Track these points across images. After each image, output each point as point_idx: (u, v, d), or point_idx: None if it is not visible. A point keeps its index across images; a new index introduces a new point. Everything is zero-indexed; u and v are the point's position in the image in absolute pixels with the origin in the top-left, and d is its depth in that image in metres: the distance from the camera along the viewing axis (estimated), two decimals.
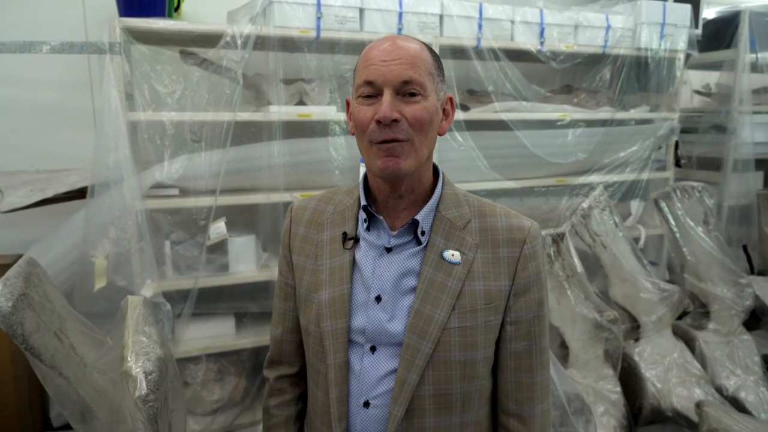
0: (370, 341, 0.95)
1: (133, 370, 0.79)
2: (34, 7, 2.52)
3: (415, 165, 0.94)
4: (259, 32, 2.18)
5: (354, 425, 0.95)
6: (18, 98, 2.55)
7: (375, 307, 0.96)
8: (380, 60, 0.91)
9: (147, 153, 2.14)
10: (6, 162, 2.50)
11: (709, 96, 3.74)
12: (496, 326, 0.94)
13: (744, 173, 3.52)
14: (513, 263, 0.94)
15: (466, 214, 0.97)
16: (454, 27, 2.55)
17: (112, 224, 2.08)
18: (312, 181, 2.43)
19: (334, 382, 0.96)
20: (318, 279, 1.00)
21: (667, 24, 3.00)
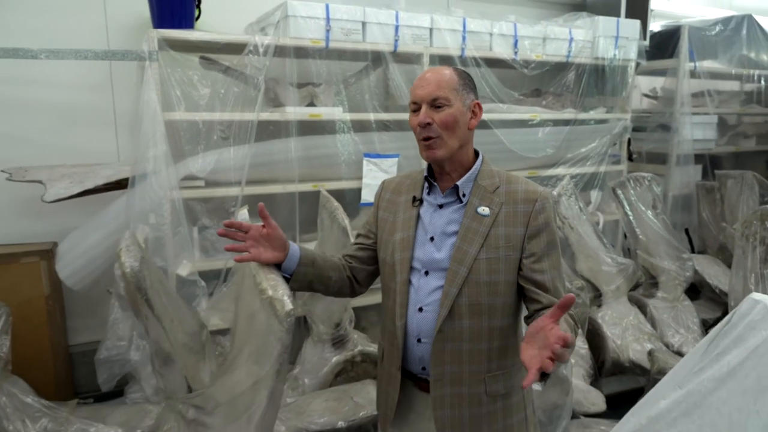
0: (425, 267, 1.34)
1: (277, 295, 1.10)
2: (58, 15, 2.73)
3: (447, 153, 1.33)
4: (277, 42, 2.49)
5: (411, 324, 1.34)
6: (45, 99, 2.76)
7: (429, 244, 1.35)
8: (419, 87, 1.33)
9: (181, 148, 2.42)
10: (36, 157, 2.71)
11: (656, 99, 4.25)
12: (515, 259, 1.31)
13: (685, 166, 4.05)
14: (527, 215, 1.32)
15: (496, 183, 1.35)
16: (442, 38, 2.92)
17: (152, 212, 2.35)
18: (322, 173, 2.75)
19: (398, 294, 1.34)
20: (394, 226, 1.40)
21: (620, 37, 3.46)
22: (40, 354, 2.58)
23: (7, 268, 2.47)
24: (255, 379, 1.24)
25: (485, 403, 1.35)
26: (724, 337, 1.29)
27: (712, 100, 4.19)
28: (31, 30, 2.67)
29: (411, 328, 1.35)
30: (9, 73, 2.65)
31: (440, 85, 1.30)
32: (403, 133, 2.92)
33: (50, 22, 2.71)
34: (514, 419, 1.39)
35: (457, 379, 1.33)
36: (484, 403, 1.35)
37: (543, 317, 1.07)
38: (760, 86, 4.46)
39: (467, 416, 1.34)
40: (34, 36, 2.65)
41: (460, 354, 1.32)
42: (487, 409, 1.35)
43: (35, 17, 2.68)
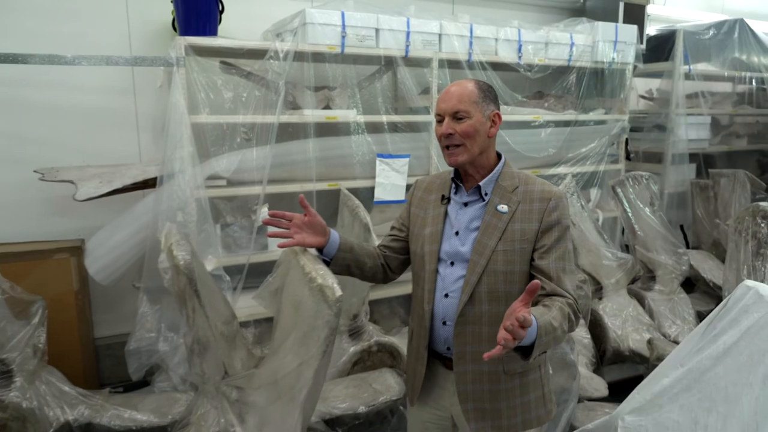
0: (450, 258, 1.50)
1: (327, 283, 1.23)
2: (84, 23, 2.85)
3: (468, 159, 1.48)
4: (296, 48, 2.62)
5: (437, 309, 1.50)
6: (71, 103, 2.88)
7: (455, 238, 1.50)
8: (443, 101, 1.49)
9: (206, 149, 2.55)
10: (63, 158, 2.84)
11: (652, 100, 4.41)
12: (529, 251, 1.45)
13: (680, 165, 4.21)
14: (541, 212, 1.46)
15: (515, 183, 1.50)
16: (450, 44, 3.06)
17: (180, 210, 2.47)
18: (337, 173, 2.89)
19: (427, 282, 1.51)
20: (425, 221, 1.56)
21: (618, 41, 3.61)
22: (70, 346, 2.70)
23: (40, 264, 2.59)
24: (300, 360, 1.37)
25: (503, 381, 1.49)
26: (721, 320, 1.45)
27: (705, 101, 4.36)
28: (59, 36, 2.78)
29: (437, 311, 1.51)
30: (39, 78, 2.76)
31: (461, 100, 1.45)
32: (414, 134, 3.06)
33: (77, 29, 2.82)
34: (531, 396, 1.54)
35: (477, 358, 1.47)
36: (502, 381, 1.49)
37: (516, 301, 1.21)
38: (751, 88, 4.63)
39: (487, 391, 1.49)
40: (61, 42, 2.76)
41: (480, 335, 1.47)
42: (505, 386, 1.49)
43: (62, 24, 2.79)
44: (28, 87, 2.78)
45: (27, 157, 2.80)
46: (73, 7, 2.81)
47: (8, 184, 2.80)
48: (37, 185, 2.70)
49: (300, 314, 1.34)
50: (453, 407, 1.55)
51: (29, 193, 2.84)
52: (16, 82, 2.75)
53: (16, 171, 2.80)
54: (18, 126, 2.79)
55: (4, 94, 2.75)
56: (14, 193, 2.82)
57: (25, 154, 2.81)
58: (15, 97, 2.77)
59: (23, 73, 2.71)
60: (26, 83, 2.77)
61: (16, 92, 2.77)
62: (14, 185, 2.81)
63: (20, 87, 2.77)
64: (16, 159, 2.80)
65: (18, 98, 2.78)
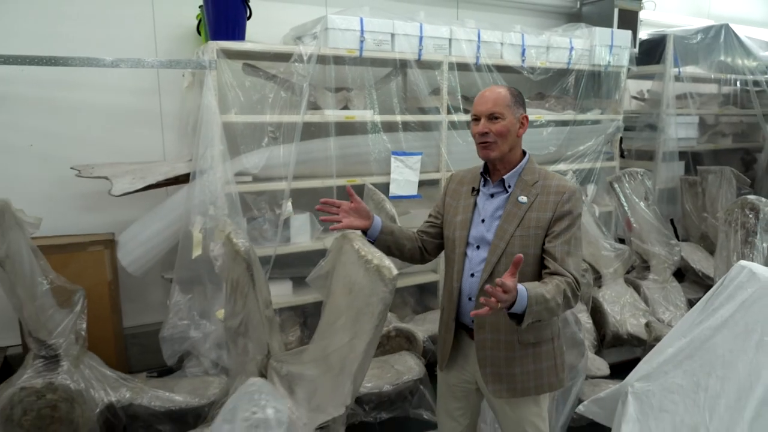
0: (477, 242, 1.69)
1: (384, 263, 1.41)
2: (113, 26, 2.98)
3: (499, 154, 1.67)
4: (319, 52, 2.79)
5: (464, 286, 1.70)
6: (100, 102, 3.01)
7: (481, 225, 1.70)
8: (480, 103, 1.67)
9: (236, 146, 2.71)
10: (92, 155, 2.97)
11: (644, 101, 4.65)
12: (541, 237, 1.64)
13: (670, 162, 4.45)
14: (556, 203, 1.65)
15: (535, 178, 1.69)
16: (460, 48, 3.25)
17: (211, 204, 2.63)
18: (354, 169, 3.06)
19: (456, 263, 1.71)
20: (457, 210, 1.75)
21: (614, 45, 3.83)
22: (104, 334, 2.84)
23: (77, 256, 2.73)
24: (352, 335, 1.55)
25: (518, 349, 1.68)
26: (719, 296, 1.66)
27: (693, 102, 4.60)
28: (91, 40, 2.91)
29: (464, 289, 1.71)
30: (71, 79, 2.89)
31: (496, 103, 1.64)
32: (426, 133, 3.24)
33: (106, 32, 2.96)
34: (544, 365, 1.72)
35: (495, 329, 1.67)
36: (516, 349, 1.68)
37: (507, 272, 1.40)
38: (736, 89, 4.89)
39: (503, 357, 1.68)
40: (92, 45, 2.90)
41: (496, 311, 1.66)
42: (519, 354, 1.69)
43: (94, 28, 2.92)
44: (62, 88, 2.91)
45: (61, 154, 2.93)
46: (103, 12, 2.94)
47: (44, 180, 2.93)
48: (70, 181, 2.84)
49: (354, 294, 1.51)
50: (476, 372, 1.74)
51: (63, 189, 2.97)
52: (50, 83, 2.87)
53: (51, 168, 2.93)
54: (52, 125, 2.92)
55: (39, 95, 2.87)
56: (49, 188, 2.95)
57: (59, 151, 2.94)
58: (49, 98, 2.90)
59: (56, 75, 2.84)
60: (59, 85, 2.90)
61: (50, 93, 2.89)
62: (49, 181, 2.94)
63: (54, 88, 2.90)
64: (50, 156, 2.93)
65: (52, 99, 2.90)
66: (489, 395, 1.74)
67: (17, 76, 2.81)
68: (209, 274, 2.74)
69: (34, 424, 2.29)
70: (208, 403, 2.49)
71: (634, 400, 1.76)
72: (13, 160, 2.88)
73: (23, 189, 2.86)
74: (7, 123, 2.85)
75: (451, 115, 3.31)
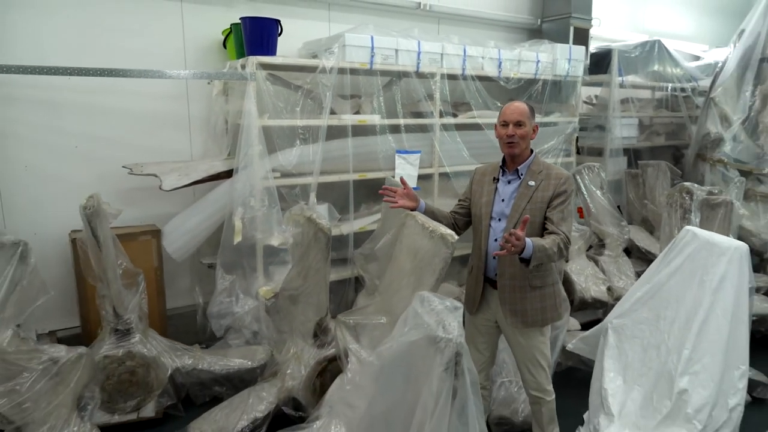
0: (498, 216, 2.28)
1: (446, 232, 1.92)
2: (145, 39, 3.33)
3: (519, 150, 2.28)
4: (339, 65, 3.26)
5: (490, 249, 2.27)
6: (134, 107, 3.35)
7: (501, 203, 2.29)
8: (509, 113, 2.28)
9: (273, 146, 3.14)
10: (130, 155, 3.30)
11: (593, 105, 5.39)
12: (544, 209, 2.23)
13: (616, 158, 5.20)
14: (555, 186, 2.24)
15: (540, 168, 2.28)
16: (450, 61, 3.80)
17: (252, 196, 3.05)
18: (364, 165, 3.55)
19: (483, 232, 2.29)
20: (482, 193, 2.33)
21: (571, 59, 4.51)
22: (152, 315, 3.19)
23: (129, 245, 3.06)
24: (416, 287, 2.06)
25: (528, 291, 2.27)
26: (671, 252, 2.30)
27: (633, 105, 5.39)
28: (128, 49, 3.25)
29: (490, 250, 2.28)
30: (114, 87, 3.22)
31: (521, 114, 2.24)
32: (424, 135, 3.78)
33: (141, 44, 3.30)
34: (548, 303, 2.32)
35: (512, 277, 2.25)
36: (527, 291, 2.27)
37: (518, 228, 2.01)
38: (667, 94, 5.74)
39: (518, 297, 2.27)
40: (129, 54, 3.24)
41: (513, 263, 2.23)
42: (529, 295, 2.27)
43: (132, 39, 3.26)
44: (103, 94, 3.23)
45: (102, 154, 3.26)
46: (139, 25, 3.28)
47: (87, 178, 3.24)
48: (109, 178, 3.19)
49: (419, 257, 2.02)
50: (497, 313, 2.32)
51: (103, 186, 3.27)
52: (93, 90, 3.19)
53: (94, 166, 3.25)
54: (95, 128, 3.24)
55: (83, 101, 3.19)
56: (92, 185, 3.24)
57: (100, 152, 3.26)
58: (92, 104, 3.22)
59: (98, 83, 3.15)
60: (101, 91, 3.22)
61: (92, 99, 3.21)
62: (92, 178, 3.25)
63: (96, 94, 3.22)
64: (93, 156, 3.25)
65: (94, 104, 3.22)
66: (506, 327, 2.31)
67: (65, 84, 3.12)
68: (247, 258, 3.17)
69: (115, 388, 2.66)
70: (259, 365, 2.92)
71: (612, 332, 2.38)
72: (61, 160, 3.18)
73: (69, 186, 3.17)
74: (55, 127, 3.15)
75: (443, 119, 3.86)
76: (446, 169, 3.92)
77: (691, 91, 5.69)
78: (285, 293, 2.67)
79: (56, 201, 3.18)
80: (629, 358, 2.28)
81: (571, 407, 2.64)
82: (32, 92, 3.05)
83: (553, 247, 2.10)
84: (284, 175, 3.25)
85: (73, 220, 3.16)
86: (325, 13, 3.98)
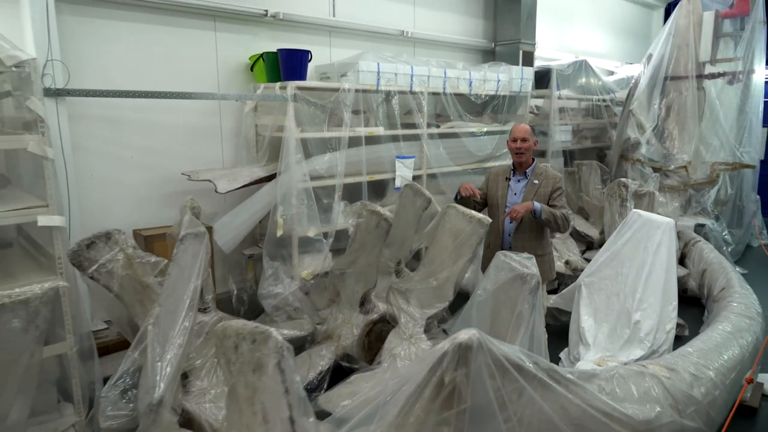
0: (511, 205, 3.13)
1: (483, 217, 2.70)
2: (185, 63, 3.86)
3: (525, 159, 3.18)
4: (355, 87, 3.98)
5: (505, 229, 3.14)
6: (176, 122, 3.87)
7: (514, 196, 3.18)
8: (517, 132, 3.19)
9: (309, 153, 3.80)
10: (173, 163, 3.82)
11: (537, 114, 6.43)
12: (546, 199, 3.11)
13: (557, 158, 6.26)
14: (552, 183, 3.14)
15: (541, 170, 3.17)
16: (434, 81, 4.62)
17: (293, 196, 3.69)
18: (373, 168, 4.28)
19: (500, 217, 3.17)
20: (497, 189, 3.18)
21: (523, 78, 5.49)
22: None
23: None
24: (455, 260, 2.85)
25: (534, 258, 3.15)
26: (623, 228, 3.27)
27: (567, 114, 6.49)
28: (170, 73, 3.77)
29: (505, 230, 3.14)
30: (159, 105, 3.72)
31: (526, 133, 3.12)
32: (414, 143, 4.57)
33: (183, 67, 3.82)
34: (546, 267, 3.21)
35: (523, 248, 3.08)
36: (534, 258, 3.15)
37: None
38: (591, 105, 6.92)
39: None
40: (172, 77, 3.76)
41: (524, 239, 3.09)
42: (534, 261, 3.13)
43: (174, 63, 3.78)
44: (153, 112, 3.72)
45: (151, 162, 3.75)
46: (180, 52, 3.80)
47: (140, 184, 3.72)
48: (158, 184, 3.72)
49: (460, 238, 2.81)
50: None
51: (152, 191, 3.79)
52: (147, 108, 3.68)
53: (145, 174, 3.74)
54: (147, 140, 3.73)
55: (139, 117, 3.67)
56: (144, 190, 3.75)
57: (150, 160, 3.75)
58: (143, 120, 3.70)
59: (152, 102, 3.65)
60: (151, 109, 3.71)
61: (146, 116, 3.70)
62: (144, 184, 3.74)
63: (148, 112, 3.70)
64: (145, 165, 3.73)
65: (145, 120, 3.71)
66: None
67: (122, 103, 3.59)
68: (287, 248, 3.81)
69: None
70: (308, 334, 3.57)
71: (584, 287, 3.30)
72: (120, 169, 3.64)
73: (128, 190, 3.65)
74: (115, 140, 3.61)
75: (429, 129, 4.67)
76: (433, 170, 4.74)
77: (610, 102, 6.92)
78: (336, 271, 3.36)
79: (118, 204, 3.64)
80: (598, 304, 3.21)
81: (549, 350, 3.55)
82: (98, 111, 3.50)
83: (556, 213, 3.03)
84: (314, 178, 3.91)
85: (133, 220, 3.68)
86: (326, 39, 4.66)
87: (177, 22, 3.77)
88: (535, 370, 1.75)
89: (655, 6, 9.26)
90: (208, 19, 3.92)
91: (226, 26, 3.99)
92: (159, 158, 3.80)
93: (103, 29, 3.47)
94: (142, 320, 2.36)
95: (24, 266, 2.67)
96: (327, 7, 4.60)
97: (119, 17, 3.53)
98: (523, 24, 5.84)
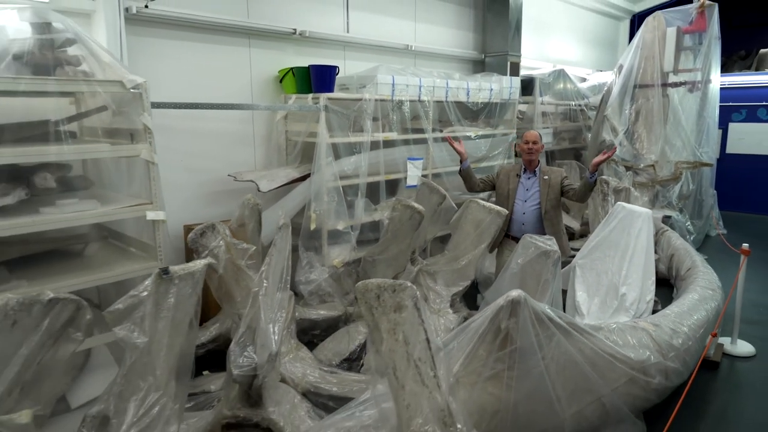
0: (523, 198, 3.82)
1: (501, 209, 3.28)
2: (223, 76, 4.33)
3: (535, 158, 3.85)
4: (375, 97, 4.52)
5: (516, 218, 3.82)
6: (216, 128, 4.33)
7: (525, 192, 3.81)
8: (528, 136, 3.88)
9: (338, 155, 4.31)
10: (212, 166, 4.28)
11: (522, 119, 7.09)
12: (557, 191, 3.76)
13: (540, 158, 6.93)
14: (559, 177, 3.80)
15: (548, 168, 3.80)
16: (439, 91, 5.20)
17: (325, 193, 4.21)
18: (389, 168, 4.83)
19: (509, 208, 3.82)
20: (507, 184, 3.84)
21: (512, 87, 6.13)
22: None
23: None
24: (476, 245, 3.43)
25: None
26: (610, 218, 3.92)
27: (549, 118, 7.18)
28: (210, 85, 4.23)
29: (514, 217, 3.76)
30: (199, 114, 4.18)
31: (535, 137, 3.79)
32: (421, 146, 5.13)
33: (219, 79, 4.29)
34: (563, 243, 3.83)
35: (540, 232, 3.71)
36: None
37: None
38: (568, 109, 7.63)
39: None
40: (211, 89, 4.22)
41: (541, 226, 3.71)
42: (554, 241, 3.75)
43: (213, 75, 4.24)
44: (196, 120, 4.18)
45: (197, 165, 4.21)
46: (218, 65, 4.27)
47: (188, 184, 4.18)
48: (203, 185, 4.19)
49: (480, 227, 3.38)
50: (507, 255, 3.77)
51: (198, 190, 4.24)
52: (191, 116, 4.13)
53: (192, 176, 4.19)
54: (192, 145, 4.18)
55: (185, 125, 4.12)
56: (192, 190, 4.20)
57: (196, 164, 4.21)
58: (189, 127, 4.15)
59: (197, 112, 4.11)
60: (196, 117, 4.16)
61: (191, 124, 4.15)
62: (191, 185, 4.19)
63: (191, 120, 4.16)
64: (192, 167, 4.19)
65: (192, 128, 4.16)
66: None
67: (172, 113, 4.03)
68: (318, 240, 4.32)
69: None
70: (340, 314, 4.10)
71: (578, 268, 3.93)
72: (171, 172, 4.07)
73: (178, 190, 4.10)
74: (167, 146, 4.03)
75: (434, 133, 5.25)
76: (438, 170, 5.32)
77: (584, 106, 7.65)
78: (369, 258, 3.89)
79: (171, 202, 4.06)
80: (590, 281, 3.84)
81: None
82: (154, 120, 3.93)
83: None
84: (341, 178, 4.43)
85: (183, 216, 4.12)
86: (341, 53, 5.18)
87: (217, 40, 4.24)
88: (561, 322, 2.34)
89: (621, 18, 10.10)
90: (243, 37, 4.39)
91: (260, 43, 4.48)
92: (202, 161, 4.26)
93: (154, 47, 3.92)
94: (239, 294, 2.86)
95: (115, 256, 3.11)
96: (342, 25, 5.12)
97: (167, 36, 3.98)
98: (511, 37, 6.48)
